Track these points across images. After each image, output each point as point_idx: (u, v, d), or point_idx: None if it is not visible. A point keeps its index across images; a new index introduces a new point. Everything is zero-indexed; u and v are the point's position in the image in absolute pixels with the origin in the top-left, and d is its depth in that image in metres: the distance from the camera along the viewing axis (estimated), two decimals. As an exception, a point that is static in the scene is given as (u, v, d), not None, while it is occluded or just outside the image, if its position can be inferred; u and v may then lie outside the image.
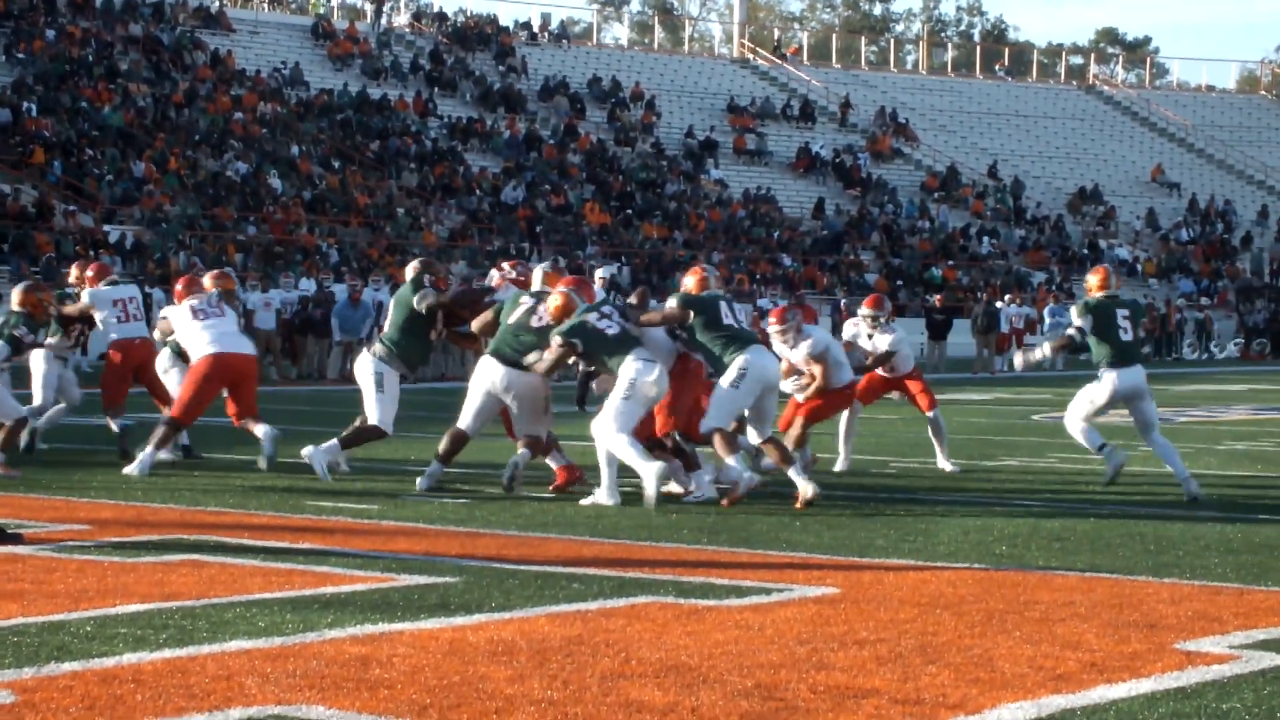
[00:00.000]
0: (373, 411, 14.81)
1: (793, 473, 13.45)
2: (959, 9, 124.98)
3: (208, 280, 16.92)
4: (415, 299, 14.74)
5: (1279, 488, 15.67)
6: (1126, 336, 14.73)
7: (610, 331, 13.62)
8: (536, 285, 14.63)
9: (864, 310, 17.32)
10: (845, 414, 16.34)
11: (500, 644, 7.81)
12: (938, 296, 46.19)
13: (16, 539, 10.81)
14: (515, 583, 9.51)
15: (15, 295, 15.53)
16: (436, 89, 63.69)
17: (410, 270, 15.31)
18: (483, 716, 6.53)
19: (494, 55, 67.98)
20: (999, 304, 46.44)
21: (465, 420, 14.29)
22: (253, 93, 57.29)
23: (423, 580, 9.56)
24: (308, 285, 39.77)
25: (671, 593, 9.24)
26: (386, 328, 15.14)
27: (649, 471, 13.18)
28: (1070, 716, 6.68)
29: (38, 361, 17.13)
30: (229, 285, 17.15)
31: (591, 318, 13.68)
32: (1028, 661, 7.59)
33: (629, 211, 58.09)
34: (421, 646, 7.73)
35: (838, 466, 16.46)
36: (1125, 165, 76.37)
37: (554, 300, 13.92)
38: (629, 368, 13.47)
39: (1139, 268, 66.41)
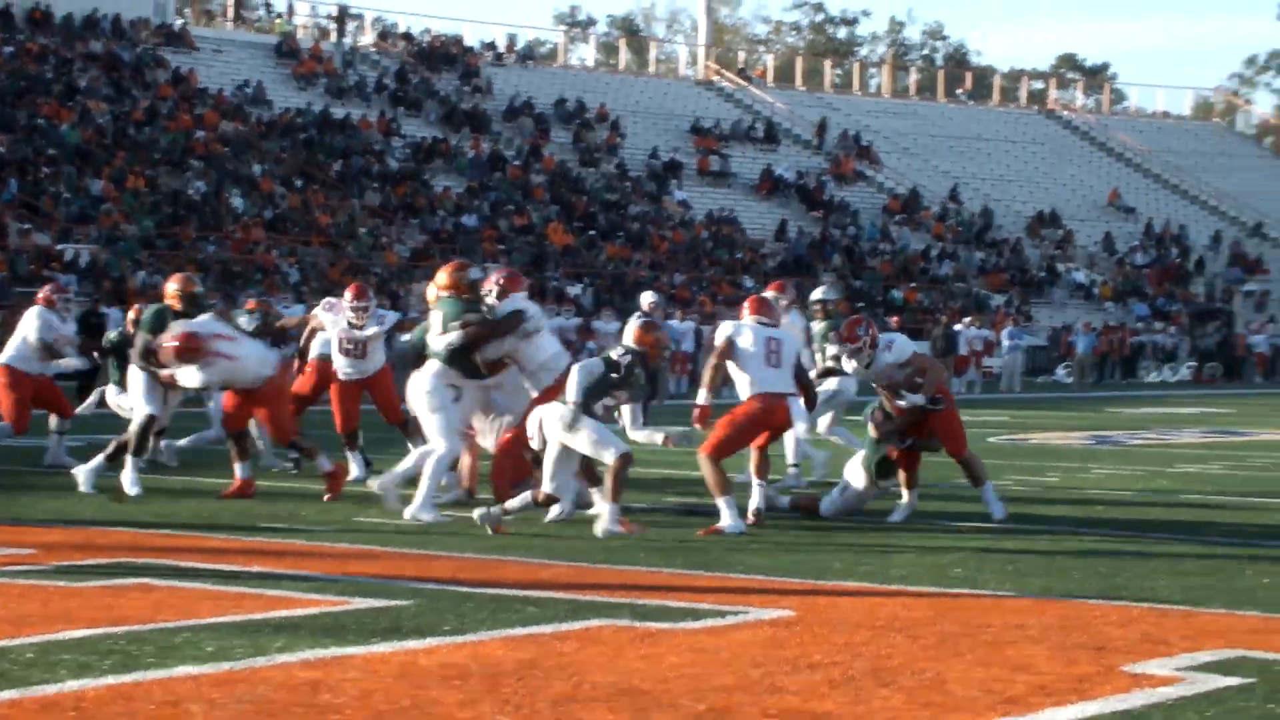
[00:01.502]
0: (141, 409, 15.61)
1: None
2: (923, 33, 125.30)
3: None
4: (138, 344, 15.39)
5: (1228, 509, 15.73)
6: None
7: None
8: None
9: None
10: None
11: (452, 668, 7.79)
12: (895, 318, 46.30)
13: (-37, 564, 10.73)
14: (470, 606, 9.49)
15: (632, 331, 13.78)
16: (401, 109, 63.62)
17: (171, 286, 15.80)
18: (431, 740, 6.53)
19: (459, 75, 67.94)
20: (958, 326, 46.51)
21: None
22: (215, 111, 57.14)
23: (376, 604, 9.53)
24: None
25: (626, 616, 9.23)
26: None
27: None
28: (1018, 740, 6.72)
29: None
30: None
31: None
32: (979, 684, 7.62)
33: (592, 232, 58.09)
34: (372, 670, 7.70)
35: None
36: (1083, 189, 76.66)
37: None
38: None
39: (1095, 291, 66.66)
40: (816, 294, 18.40)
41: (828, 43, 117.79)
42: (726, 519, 13.25)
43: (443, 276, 14.54)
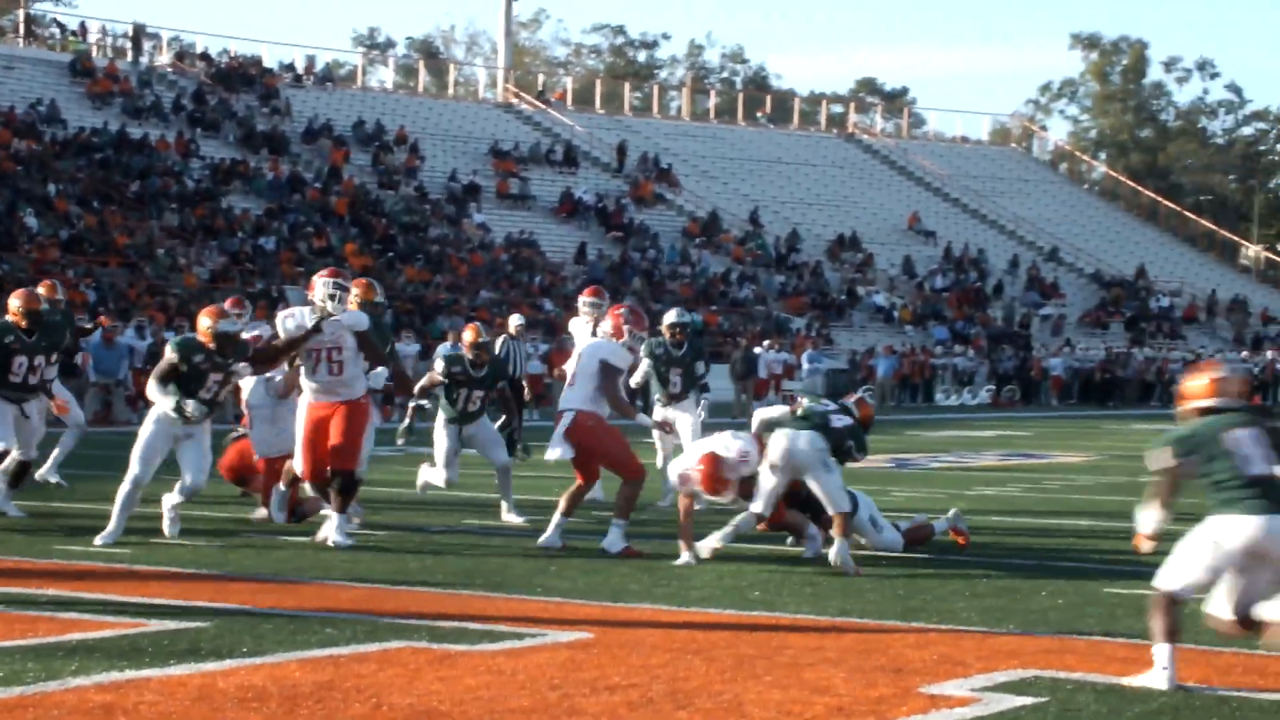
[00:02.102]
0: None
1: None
2: (723, 57, 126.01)
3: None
4: None
5: (1024, 532, 15.99)
6: None
7: None
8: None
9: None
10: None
11: (250, 690, 7.73)
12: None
13: None
14: (268, 628, 9.42)
15: (860, 407, 13.61)
16: (199, 129, 62.95)
17: (14, 302, 15.46)
18: (228, 765, 6.46)
19: (258, 96, 67.34)
20: (758, 350, 46.83)
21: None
22: (6, 129, 56.17)
23: (173, 626, 9.42)
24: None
25: (424, 638, 9.21)
26: None
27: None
28: (815, 759, 6.78)
29: None
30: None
31: None
32: (776, 706, 7.67)
33: (391, 254, 57.83)
34: (169, 693, 7.61)
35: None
36: (883, 213, 77.55)
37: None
38: None
39: (895, 314, 67.46)
40: (672, 317, 17.72)
41: (627, 65, 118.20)
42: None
43: (205, 320, 13.85)
